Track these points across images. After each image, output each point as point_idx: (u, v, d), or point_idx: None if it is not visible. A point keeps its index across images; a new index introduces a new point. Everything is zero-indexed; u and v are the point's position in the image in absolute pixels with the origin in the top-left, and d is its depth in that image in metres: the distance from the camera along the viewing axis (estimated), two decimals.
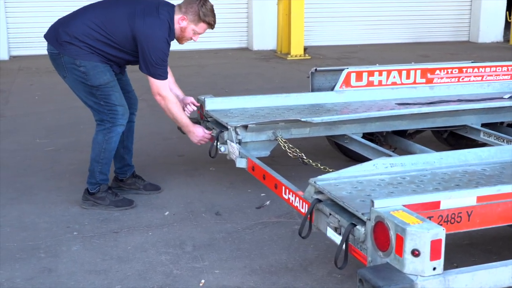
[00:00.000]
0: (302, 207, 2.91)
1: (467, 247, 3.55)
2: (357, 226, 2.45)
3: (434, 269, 2.18)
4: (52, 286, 3.17)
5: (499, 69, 5.06)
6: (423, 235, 2.15)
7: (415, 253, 2.16)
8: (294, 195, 3.00)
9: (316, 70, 4.78)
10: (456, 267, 2.36)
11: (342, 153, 4.98)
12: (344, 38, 12.73)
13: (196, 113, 4.48)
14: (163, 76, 3.94)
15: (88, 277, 3.24)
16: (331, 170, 3.19)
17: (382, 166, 3.02)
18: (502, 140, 4.19)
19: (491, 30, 13.52)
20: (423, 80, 4.85)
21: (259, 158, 3.71)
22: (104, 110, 3.98)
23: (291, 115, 4.19)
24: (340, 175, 2.93)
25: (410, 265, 2.18)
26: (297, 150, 3.81)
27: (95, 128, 4.08)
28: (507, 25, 13.65)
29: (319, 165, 3.67)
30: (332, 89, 4.68)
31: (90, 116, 4.20)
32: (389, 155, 3.69)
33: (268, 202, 4.22)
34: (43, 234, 3.76)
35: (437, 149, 3.94)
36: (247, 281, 3.20)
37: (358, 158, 4.44)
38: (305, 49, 11.19)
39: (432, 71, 4.88)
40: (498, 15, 13.54)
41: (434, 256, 2.17)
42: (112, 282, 3.19)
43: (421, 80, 4.85)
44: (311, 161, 3.73)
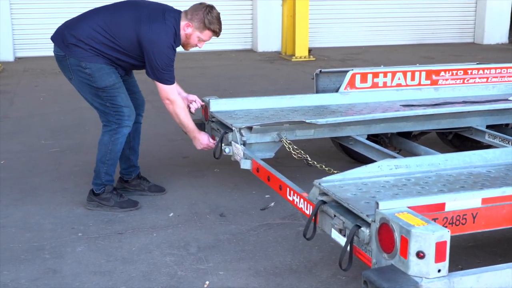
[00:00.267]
0: (307, 209, 2.90)
1: (472, 249, 3.54)
2: (362, 228, 2.45)
3: (439, 271, 2.18)
4: (57, 287, 3.17)
5: (504, 71, 5.06)
6: (428, 237, 2.15)
7: (420, 255, 2.16)
8: (299, 197, 3.00)
9: (321, 72, 4.78)
10: (461, 269, 2.36)
11: (347, 155, 4.97)
12: (349, 40, 12.74)
13: (201, 114, 4.48)
14: (170, 81, 3.95)
15: (93, 278, 3.25)
16: (336, 172, 3.19)
17: (387, 168, 3.01)
18: (507, 142, 4.18)
19: (496, 32, 13.51)
20: (428, 82, 4.85)
21: (264, 160, 3.71)
22: (110, 112, 3.99)
23: (296, 117, 4.19)
24: (345, 177, 2.93)
25: (415, 267, 2.18)
26: (302, 152, 3.81)
27: (102, 129, 4.09)
28: None
29: (324, 167, 3.67)
30: (337, 91, 4.68)
31: (95, 118, 4.21)
32: (394, 157, 3.68)
33: (273, 204, 4.22)
34: (48, 235, 3.76)
35: (442, 151, 3.93)
36: (252, 283, 3.20)
37: (363, 160, 4.44)
38: (310, 51, 11.20)
39: (437, 73, 4.87)
40: (503, 17, 13.52)
41: (439, 258, 2.16)
42: (117, 283, 3.20)
43: (426, 82, 4.84)
44: (316, 163, 3.73)
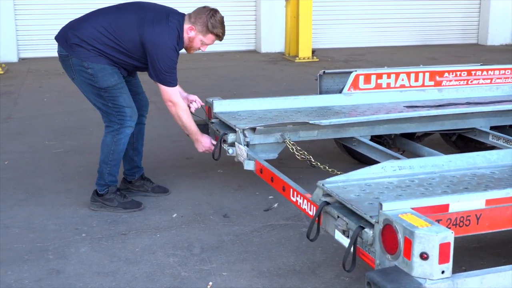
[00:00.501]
0: (310, 210, 2.90)
1: (476, 251, 3.54)
2: (365, 229, 2.45)
3: (443, 273, 2.17)
4: None
5: (508, 72, 5.04)
6: (432, 238, 2.14)
7: (424, 256, 2.15)
8: (302, 198, 3.00)
9: (324, 73, 4.78)
10: (465, 271, 2.35)
11: (350, 156, 4.97)
12: (352, 41, 12.74)
13: (204, 115, 4.48)
14: (173, 83, 3.95)
15: (96, 279, 3.25)
16: (339, 173, 3.20)
17: (391, 169, 3.01)
18: (511, 143, 4.17)
19: (500, 33, 13.48)
20: (432, 83, 4.84)
21: (267, 161, 3.71)
22: (112, 112, 4.00)
23: (299, 118, 4.19)
24: (348, 178, 2.92)
25: (419, 268, 2.17)
26: (305, 153, 3.80)
27: (104, 130, 4.09)
28: None
29: (327, 168, 3.67)
30: (340, 92, 4.68)
31: (99, 119, 4.22)
32: (398, 158, 3.68)
33: (276, 205, 4.22)
34: (52, 236, 3.77)
35: (446, 152, 3.92)
36: (255, 284, 3.20)
37: (366, 161, 4.43)
38: (313, 52, 11.19)
39: (441, 74, 4.87)
40: (507, 18, 13.49)
41: (443, 260, 2.16)
42: (120, 284, 3.20)
43: (430, 83, 4.84)
44: (319, 164, 3.73)
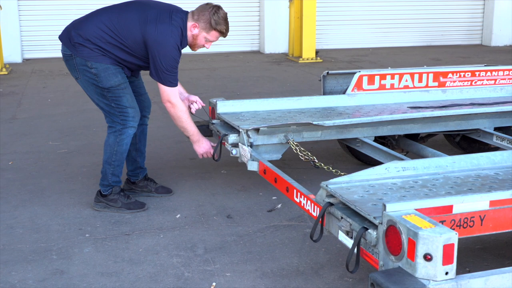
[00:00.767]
0: (314, 211, 2.90)
1: (480, 252, 3.53)
2: (369, 230, 2.45)
3: (447, 274, 2.17)
4: None
5: None
6: (436, 239, 2.14)
7: (427, 258, 2.15)
8: (306, 199, 3.00)
9: (328, 74, 4.78)
10: (469, 272, 2.35)
11: (354, 157, 4.97)
12: (356, 42, 12.74)
13: (205, 116, 4.48)
14: (173, 83, 3.93)
15: (100, 279, 3.26)
16: (343, 174, 3.19)
17: (394, 170, 3.01)
18: None
19: (504, 34, 13.46)
20: (436, 84, 4.84)
21: (271, 161, 3.71)
22: (115, 112, 4.00)
23: (303, 118, 4.19)
24: (352, 179, 2.92)
25: (422, 270, 2.17)
26: (309, 154, 3.80)
27: (107, 131, 4.10)
28: None
29: (331, 169, 3.67)
30: (344, 93, 4.68)
31: (103, 119, 4.22)
32: (401, 159, 3.68)
33: (280, 205, 4.22)
34: (55, 236, 3.78)
35: (450, 153, 3.92)
36: (258, 284, 3.20)
37: (370, 162, 4.44)
38: (317, 52, 11.19)
39: (445, 75, 4.86)
40: (511, 18, 13.46)
41: (447, 261, 2.16)
42: (124, 284, 3.20)
43: (434, 84, 4.83)
44: (323, 165, 3.73)
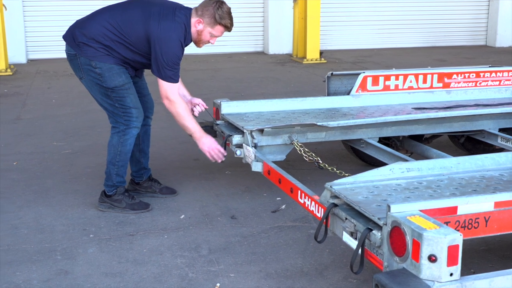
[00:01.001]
0: (318, 212, 2.90)
1: (484, 253, 3.52)
2: (373, 231, 2.45)
3: (451, 275, 2.17)
4: None
5: None
6: (440, 241, 2.14)
7: (432, 259, 2.15)
8: (310, 200, 2.99)
9: (332, 74, 4.78)
10: (473, 273, 2.35)
11: (358, 158, 4.97)
12: (360, 42, 12.72)
13: (209, 118, 4.48)
14: (174, 79, 3.91)
15: (104, 280, 3.26)
16: (347, 175, 3.19)
17: (399, 171, 3.01)
18: None
19: (509, 34, 13.42)
20: (440, 85, 4.83)
21: (275, 162, 3.71)
22: (119, 113, 4.00)
23: (307, 119, 4.18)
24: (356, 180, 2.92)
25: (427, 271, 2.17)
26: (313, 154, 3.80)
27: (110, 131, 4.10)
28: None
29: (335, 170, 3.66)
30: (348, 93, 4.68)
31: (107, 120, 4.22)
32: (406, 160, 3.67)
33: (284, 206, 4.22)
34: (60, 236, 3.78)
35: (454, 154, 3.92)
36: (262, 285, 3.20)
37: (374, 163, 4.43)
38: (321, 53, 11.18)
39: (449, 76, 4.85)
40: None
41: (451, 262, 2.16)
42: (128, 285, 3.21)
43: (438, 85, 4.82)
44: (327, 166, 3.72)
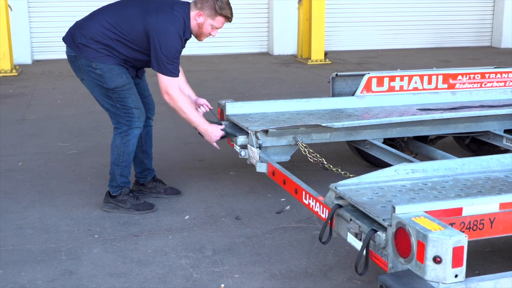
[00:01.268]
0: (323, 213, 2.90)
1: (489, 255, 3.51)
2: (378, 232, 2.44)
3: (456, 276, 2.16)
4: None
5: None
6: (445, 242, 2.13)
7: (437, 260, 2.14)
8: (315, 200, 2.99)
9: (337, 75, 4.78)
10: (478, 275, 2.34)
11: (363, 159, 4.96)
12: (365, 43, 12.71)
13: (213, 119, 4.48)
14: (174, 73, 3.87)
15: (109, 280, 3.26)
16: (352, 176, 3.19)
17: (404, 172, 3.00)
18: None
19: None
20: (445, 86, 4.82)
21: (280, 163, 3.71)
22: (121, 113, 4.00)
23: (312, 120, 4.18)
24: (361, 181, 2.92)
25: (432, 272, 2.17)
26: (318, 155, 3.80)
27: (113, 132, 4.10)
28: None
29: (340, 170, 3.66)
30: (353, 94, 4.67)
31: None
32: (411, 161, 3.67)
33: (288, 207, 4.22)
34: (65, 237, 3.79)
35: (459, 155, 3.91)
36: (267, 286, 3.19)
37: (379, 164, 4.42)
38: (326, 54, 11.18)
39: (454, 77, 4.85)
40: None
41: (456, 263, 2.15)
42: (132, 285, 3.21)
43: (443, 86, 4.82)
44: (332, 166, 3.72)
